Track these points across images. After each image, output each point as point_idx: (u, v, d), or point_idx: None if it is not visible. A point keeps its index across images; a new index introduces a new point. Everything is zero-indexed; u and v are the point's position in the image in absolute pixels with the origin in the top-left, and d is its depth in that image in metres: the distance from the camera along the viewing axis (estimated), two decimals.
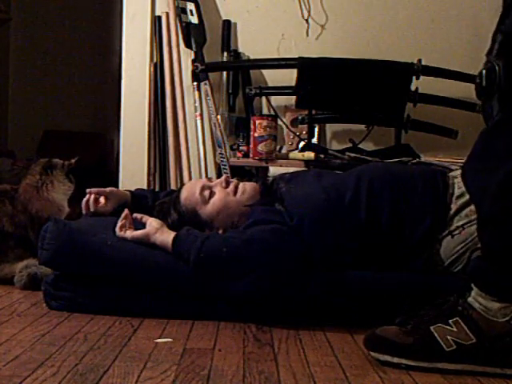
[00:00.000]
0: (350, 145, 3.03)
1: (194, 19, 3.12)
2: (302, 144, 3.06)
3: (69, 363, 1.42)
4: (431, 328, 1.48)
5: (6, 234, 2.36)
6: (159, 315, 1.85)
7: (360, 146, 3.01)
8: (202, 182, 2.16)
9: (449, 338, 1.47)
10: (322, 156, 2.90)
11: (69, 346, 1.56)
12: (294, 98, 2.98)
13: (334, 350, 1.61)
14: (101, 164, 5.02)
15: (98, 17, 5.14)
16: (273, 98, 3.16)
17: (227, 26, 3.18)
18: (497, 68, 1.45)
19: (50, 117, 5.21)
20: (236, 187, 2.10)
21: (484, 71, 1.48)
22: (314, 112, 3.03)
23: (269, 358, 1.52)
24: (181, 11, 3.12)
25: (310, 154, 2.91)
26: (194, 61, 3.08)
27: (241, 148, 3.08)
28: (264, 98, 3.17)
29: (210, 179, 2.22)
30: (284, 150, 3.14)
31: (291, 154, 3.01)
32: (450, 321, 1.48)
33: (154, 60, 3.18)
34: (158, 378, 1.35)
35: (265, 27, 3.22)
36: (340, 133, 3.20)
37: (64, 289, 1.92)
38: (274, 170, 2.87)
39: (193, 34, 3.11)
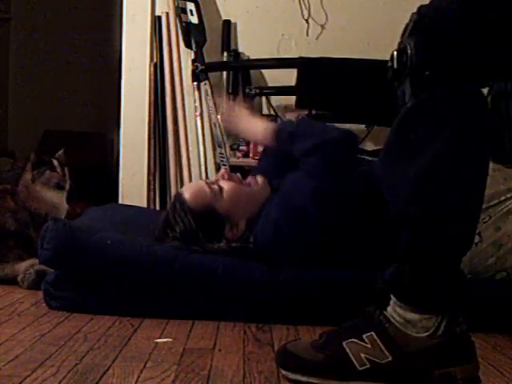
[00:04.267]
0: None
1: (194, 19, 3.12)
2: None
3: (69, 363, 1.42)
4: (344, 343, 1.31)
5: (7, 232, 2.36)
6: (159, 315, 1.85)
7: (360, 146, 3.01)
8: (202, 181, 2.12)
9: (362, 355, 1.29)
10: None
11: (69, 345, 1.56)
12: (293, 97, 2.99)
13: None
14: (101, 164, 5.03)
15: (98, 17, 5.14)
16: (273, 98, 3.16)
17: (227, 26, 3.19)
18: (408, 48, 1.28)
19: (50, 117, 5.21)
20: (240, 179, 2.06)
21: (395, 52, 1.32)
22: (314, 112, 3.03)
23: (269, 358, 1.52)
24: (181, 11, 3.12)
25: None
26: (194, 61, 3.09)
27: (241, 148, 3.08)
28: (264, 98, 3.17)
29: (205, 180, 2.20)
30: None
31: None
32: (365, 336, 1.30)
33: (154, 60, 3.19)
34: (157, 377, 1.35)
35: (265, 27, 3.23)
36: None
37: (64, 288, 1.92)
38: None
39: (193, 34, 3.11)
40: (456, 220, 1.27)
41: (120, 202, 3.16)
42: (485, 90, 2.86)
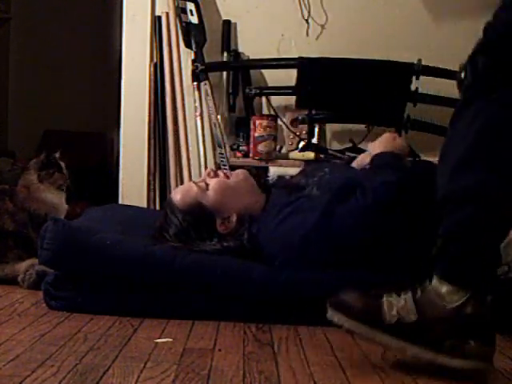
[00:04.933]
0: (350, 145, 3.04)
1: (194, 19, 3.12)
2: (301, 144, 3.06)
3: (69, 363, 1.42)
4: (384, 297, 1.47)
5: (6, 232, 2.36)
6: (159, 315, 1.85)
7: (360, 146, 3.01)
8: (191, 181, 2.16)
9: (394, 310, 1.45)
10: (322, 156, 2.90)
11: (69, 345, 1.56)
12: (294, 98, 2.99)
13: (333, 350, 1.61)
14: (101, 164, 5.03)
15: (98, 17, 5.14)
16: (273, 98, 3.16)
17: (227, 26, 3.19)
18: (468, 67, 1.48)
19: (49, 117, 5.21)
20: (226, 174, 2.10)
21: (461, 69, 1.53)
22: (313, 112, 3.03)
23: (269, 358, 1.52)
24: (181, 11, 3.12)
25: (310, 154, 2.92)
26: (194, 61, 3.08)
27: (241, 148, 3.08)
28: (264, 98, 3.17)
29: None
30: (284, 150, 3.14)
31: (291, 154, 3.01)
32: (402, 294, 1.47)
33: (154, 60, 3.19)
34: (157, 377, 1.35)
35: (265, 27, 3.22)
36: (340, 133, 3.20)
37: (64, 289, 1.92)
38: (273, 170, 2.87)
39: (193, 34, 3.11)
40: (497, 201, 1.42)
41: (120, 202, 3.16)
42: None
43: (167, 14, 3.16)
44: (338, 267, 1.84)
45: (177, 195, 2.07)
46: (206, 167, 3.06)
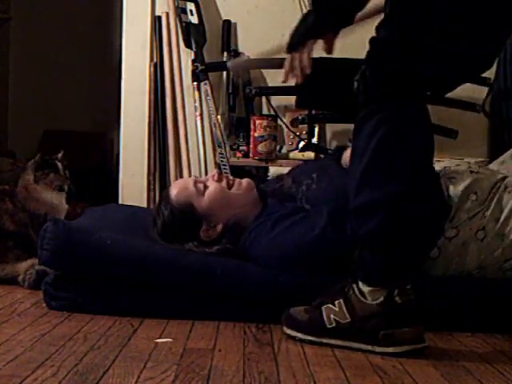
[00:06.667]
0: (349, 145, 3.03)
1: (194, 19, 3.13)
2: (301, 144, 3.06)
3: (69, 363, 1.42)
4: (322, 307, 1.65)
5: (6, 232, 2.36)
6: (159, 315, 1.85)
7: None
8: (192, 178, 2.14)
9: (332, 316, 1.63)
10: (322, 156, 2.90)
11: (69, 345, 1.56)
12: (294, 97, 2.98)
13: (333, 350, 1.61)
14: (101, 164, 5.03)
15: (98, 17, 5.14)
16: (273, 98, 3.16)
17: (227, 26, 3.19)
18: (362, 76, 1.78)
19: (50, 117, 5.21)
20: (229, 181, 2.07)
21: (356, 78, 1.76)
22: (313, 112, 3.03)
23: (269, 358, 1.52)
24: (181, 11, 3.12)
25: (310, 154, 2.92)
26: (194, 61, 3.09)
27: (241, 148, 3.08)
28: (264, 98, 3.17)
29: (197, 177, 2.21)
30: (284, 150, 3.15)
31: (291, 154, 3.01)
32: (336, 301, 1.63)
33: (154, 60, 3.19)
34: (157, 377, 1.36)
35: (265, 27, 3.22)
36: (340, 133, 3.20)
37: (64, 289, 1.92)
38: (273, 170, 2.87)
39: (193, 34, 3.11)
40: (399, 209, 1.56)
41: (120, 202, 3.16)
42: (485, 91, 2.88)
43: (167, 13, 3.16)
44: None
45: (174, 189, 2.07)
46: (205, 167, 3.06)
